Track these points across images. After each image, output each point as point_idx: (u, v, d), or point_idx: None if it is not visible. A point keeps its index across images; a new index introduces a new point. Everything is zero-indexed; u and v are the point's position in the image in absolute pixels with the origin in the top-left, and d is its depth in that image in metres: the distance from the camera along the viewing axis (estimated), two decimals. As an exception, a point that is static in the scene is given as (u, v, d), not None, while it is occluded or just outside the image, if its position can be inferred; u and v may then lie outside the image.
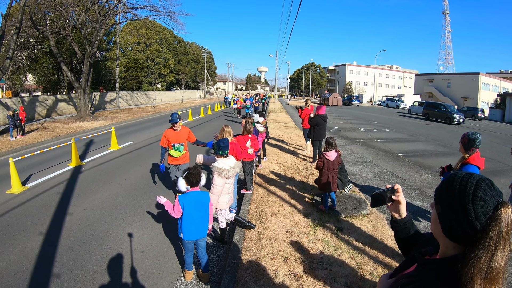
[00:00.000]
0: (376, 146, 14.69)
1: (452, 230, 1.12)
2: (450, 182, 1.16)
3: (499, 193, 1.09)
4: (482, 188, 1.07)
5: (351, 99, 58.55)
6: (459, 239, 1.11)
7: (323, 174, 6.15)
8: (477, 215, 1.04)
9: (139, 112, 29.25)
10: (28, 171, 9.16)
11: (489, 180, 1.12)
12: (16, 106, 19.09)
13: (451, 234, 1.13)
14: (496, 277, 1.00)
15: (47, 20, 22.51)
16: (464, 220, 1.07)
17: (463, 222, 1.07)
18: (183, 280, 4.29)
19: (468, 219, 1.06)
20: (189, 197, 3.94)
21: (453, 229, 1.12)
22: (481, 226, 1.04)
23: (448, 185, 1.17)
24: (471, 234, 1.06)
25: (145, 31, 53.19)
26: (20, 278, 4.25)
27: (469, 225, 1.06)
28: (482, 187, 1.08)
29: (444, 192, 1.18)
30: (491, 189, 1.08)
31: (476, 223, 1.04)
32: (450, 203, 1.13)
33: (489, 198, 1.06)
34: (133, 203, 6.94)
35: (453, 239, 1.13)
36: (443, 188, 1.19)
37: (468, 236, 1.06)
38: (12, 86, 35.02)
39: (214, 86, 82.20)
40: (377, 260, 4.59)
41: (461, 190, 1.10)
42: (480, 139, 4.23)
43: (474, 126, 29.53)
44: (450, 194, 1.14)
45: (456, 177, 1.16)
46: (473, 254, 1.02)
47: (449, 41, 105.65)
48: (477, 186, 1.08)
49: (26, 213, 6.37)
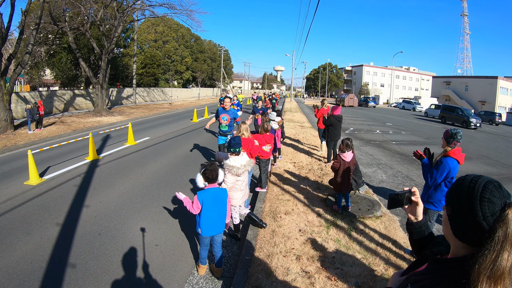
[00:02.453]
0: (391, 148, 14.57)
1: (461, 231, 1.15)
2: (460, 184, 1.20)
3: (507, 195, 1.11)
4: (489, 190, 1.11)
5: (367, 100, 58.05)
6: (468, 240, 1.14)
7: (339, 175, 6.15)
8: (484, 216, 1.07)
9: (156, 108, 29.51)
10: (45, 164, 9.35)
11: (497, 182, 1.14)
12: (34, 100, 19.41)
13: (460, 234, 1.16)
14: (502, 276, 1.02)
15: (66, 16, 22.82)
16: (472, 221, 1.10)
17: (471, 223, 1.10)
18: (196, 274, 4.35)
19: (476, 220, 1.09)
20: (207, 194, 3.99)
21: (462, 230, 1.15)
22: (489, 226, 1.06)
23: (457, 187, 1.20)
24: (479, 234, 1.08)
25: (163, 28, 53.48)
26: (36, 267, 4.36)
27: (477, 225, 1.09)
28: (489, 189, 1.11)
29: (454, 193, 1.21)
30: (498, 190, 1.11)
31: (483, 224, 1.07)
32: (459, 204, 1.16)
33: (496, 199, 1.09)
34: (149, 198, 7.03)
35: (463, 240, 1.16)
36: (453, 189, 1.23)
37: (477, 237, 1.09)
38: (31, 81, 35.63)
39: (230, 84, 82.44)
40: (389, 262, 4.57)
41: (469, 192, 1.14)
42: (461, 134, 4.44)
43: (491, 131, 29.05)
44: (459, 195, 1.18)
45: (466, 179, 1.19)
46: (480, 254, 1.04)
47: (467, 43, 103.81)
48: (485, 188, 1.11)
49: (43, 204, 6.50)
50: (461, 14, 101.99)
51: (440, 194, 4.50)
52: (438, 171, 4.41)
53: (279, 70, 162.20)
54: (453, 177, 4.38)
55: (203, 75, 63.24)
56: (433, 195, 4.56)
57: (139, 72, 45.19)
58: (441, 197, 4.50)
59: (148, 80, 48.39)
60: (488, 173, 10.91)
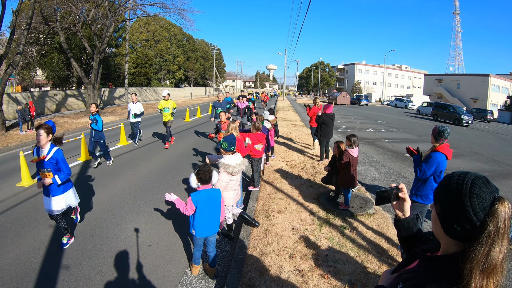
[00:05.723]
0: (384, 146, 14.66)
1: (452, 228, 1.16)
2: (448, 182, 1.21)
3: (495, 189, 1.13)
4: (478, 185, 1.12)
5: (360, 98, 58.18)
6: (459, 236, 1.15)
7: (348, 171, 6.22)
8: (475, 211, 1.09)
9: (148, 108, 29.34)
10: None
11: (485, 178, 1.16)
12: (25, 100, 19.27)
13: (451, 232, 1.17)
14: (494, 269, 1.04)
15: (57, 16, 22.67)
16: (463, 217, 1.11)
17: (462, 219, 1.12)
18: (190, 274, 4.36)
19: (467, 216, 1.10)
20: (201, 195, 3.98)
21: (453, 227, 1.15)
22: (480, 221, 1.08)
23: (445, 185, 1.22)
24: (470, 230, 1.10)
25: (155, 27, 53.31)
26: (29, 269, 4.34)
27: (467, 221, 1.10)
28: (478, 184, 1.12)
29: (442, 191, 1.22)
30: (486, 185, 1.13)
31: (474, 219, 1.08)
32: (449, 202, 1.18)
33: (485, 194, 1.11)
34: (142, 198, 7.02)
35: (454, 237, 1.17)
36: (441, 188, 1.24)
37: (468, 232, 1.10)
38: (22, 81, 35.37)
39: (222, 83, 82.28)
40: (382, 259, 4.62)
41: (458, 189, 1.15)
42: (449, 131, 4.67)
43: (483, 128, 29.31)
44: (448, 193, 1.19)
45: (453, 176, 1.21)
46: (472, 249, 1.06)
47: (459, 41, 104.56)
48: (473, 184, 1.13)
49: (36, 205, 6.46)
50: (453, 12, 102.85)
51: (429, 188, 4.61)
52: (427, 165, 4.54)
53: (271, 68, 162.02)
54: (441, 171, 4.52)
55: (195, 74, 63.12)
56: (421, 189, 4.67)
57: (131, 71, 45.07)
58: (429, 190, 4.61)
59: (141, 79, 48.25)
60: (480, 169, 11.04)
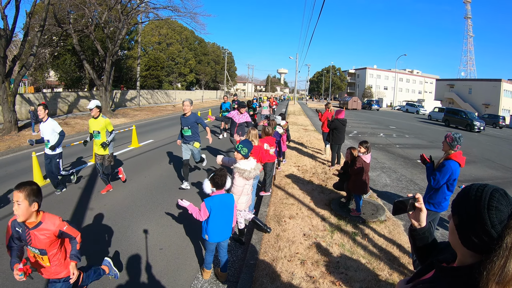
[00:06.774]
0: (395, 151, 14.55)
1: (469, 240, 1.16)
2: (466, 194, 1.21)
3: None
4: (496, 198, 1.12)
5: (371, 103, 57.91)
6: (476, 248, 1.15)
7: (360, 177, 6.19)
8: (493, 224, 1.09)
9: (159, 110, 29.60)
10: (50, 166, 9.33)
11: (503, 190, 1.17)
12: (38, 101, 19.52)
13: (468, 243, 1.17)
14: (510, 282, 1.03)
15: (70, 19, 22.98)
16: (481, 229, 1.12)
17: (480, 231, 1.12)
18: (201, 278, 4.34)
19: (485, 228, 1.10)
20: (215, 200, 3.95)
21: (470, 238, 1.16)
22: (497, 234, 1.07)
23: (464, 197, 1.22)
24: (487, 242, 1.10)
25: (167, 30, 53.67)
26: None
27: (485, 233, 1.10)
28: (496, 197, 1.13)
29: (461, 203, 1.23)
30: (505, 198, 1.13)
31: (492, 232, 1.08)
32: (467, 214, 1.18)
33: (503, 207, 1.11)
34: (153, 201, 7.05)
35: (471, 248, 1.17)
36: (460, 199, 1.25)
37: (485, 245, 1.10)
38: (35, 82, 35.83)
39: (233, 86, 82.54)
40: (393, 266, 4.56)
41: (476, 201, 1.15)
42: (462, 138, 4.67)
43: (495, 134, 28.96)
44: (466, 205, 1.19)
45: (471, 188, 1.21)
46: (489, 261, 1.05)
47: (471, 46, 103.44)
48: (491, 196, 1.13)
49: (48, 206, 6.49)
50: (465, 17, 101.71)
51: (441, 196, 4.56)
52: (441, 174, 4.49)
53: (282, 72, 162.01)
54: (455, 179, 4.48)
55: (206, 78, 63.44)
56: (434, 197, 4.63)
57: (143, 74, 45.39)
58: (441, 199, 4.57)
59: (152, 82, 48.59)
60: (492, 176, 10.89)
